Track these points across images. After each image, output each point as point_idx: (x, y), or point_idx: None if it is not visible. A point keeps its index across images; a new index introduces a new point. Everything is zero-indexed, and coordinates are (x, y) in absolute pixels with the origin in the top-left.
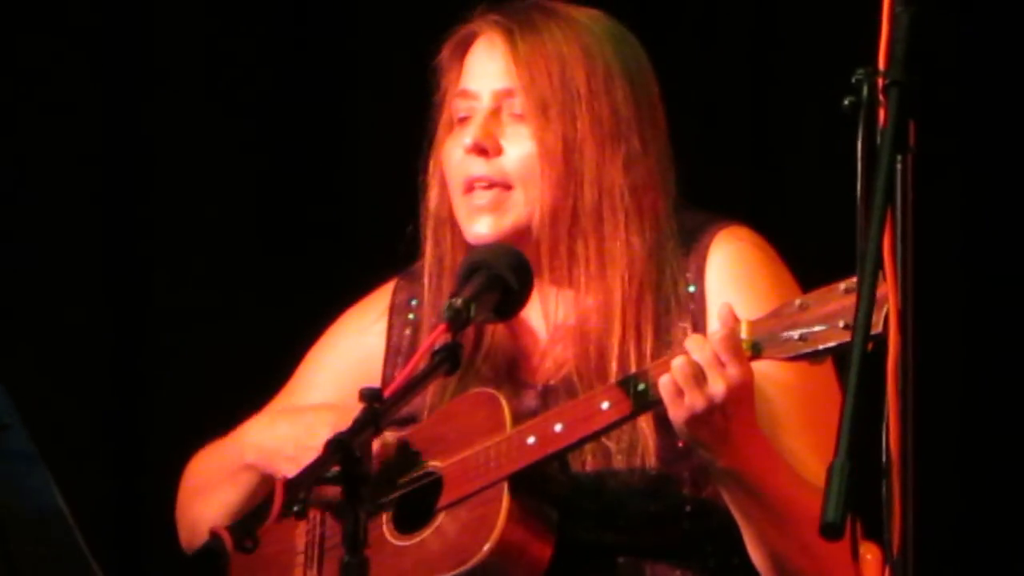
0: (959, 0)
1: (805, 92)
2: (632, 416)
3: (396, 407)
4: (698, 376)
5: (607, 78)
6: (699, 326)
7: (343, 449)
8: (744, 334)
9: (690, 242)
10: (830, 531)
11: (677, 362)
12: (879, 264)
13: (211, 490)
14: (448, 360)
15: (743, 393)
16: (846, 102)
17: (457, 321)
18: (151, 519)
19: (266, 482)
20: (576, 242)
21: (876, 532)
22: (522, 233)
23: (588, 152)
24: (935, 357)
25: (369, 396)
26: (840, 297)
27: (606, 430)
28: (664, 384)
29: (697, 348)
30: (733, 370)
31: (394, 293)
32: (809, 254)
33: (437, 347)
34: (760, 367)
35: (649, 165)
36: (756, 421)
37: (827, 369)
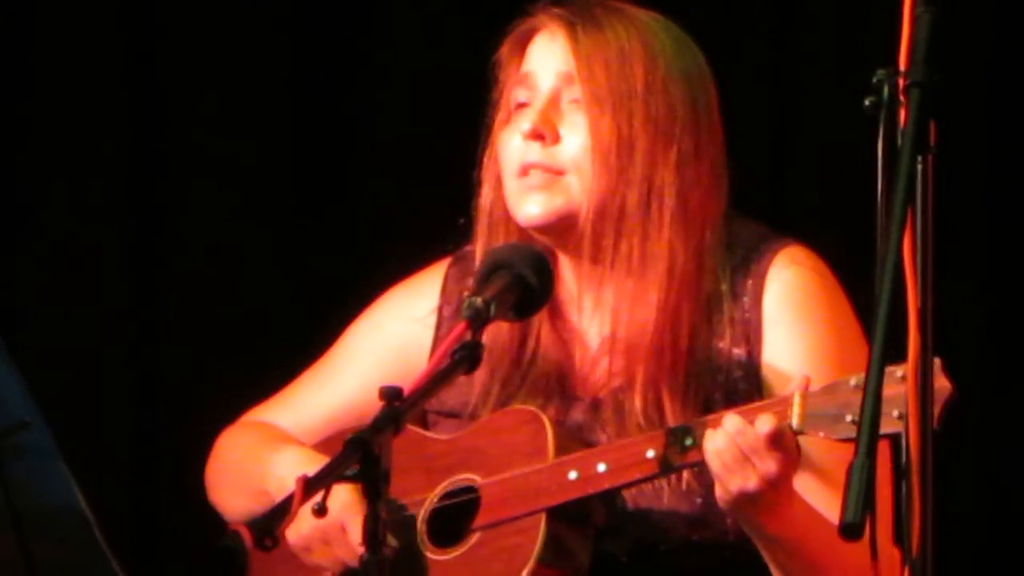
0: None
1: (826, 92)
2: (677, 470)
3: (416, 406)
4: (746, 457)
5: (666, 77)
6: (753, 355)
7: (363, 448)
8: (796, 408)
9: (747, 261)
10: (850, 531)
11: (721, 442)
12: (899, 265)
13: (236, 492)
14: (468, 359)
15: (792, 469)
16: (867, 103)
17: (477, 320)
18: (171, 517)
19: None
20: (620, 238)
21: (896, 532)
22: (570, 221)
23: (640, 149)
24: (954, 358)
25: (389, 394)
26: (895, 384)
27: (647, 479)
28: (712, 455)
29: (739, 433)
30: (781, 454)
31: (445, 278)
32: (830, 257)
33: (457, 346)
34: None
35: (700, 169)
36: (793, 486)
37: None
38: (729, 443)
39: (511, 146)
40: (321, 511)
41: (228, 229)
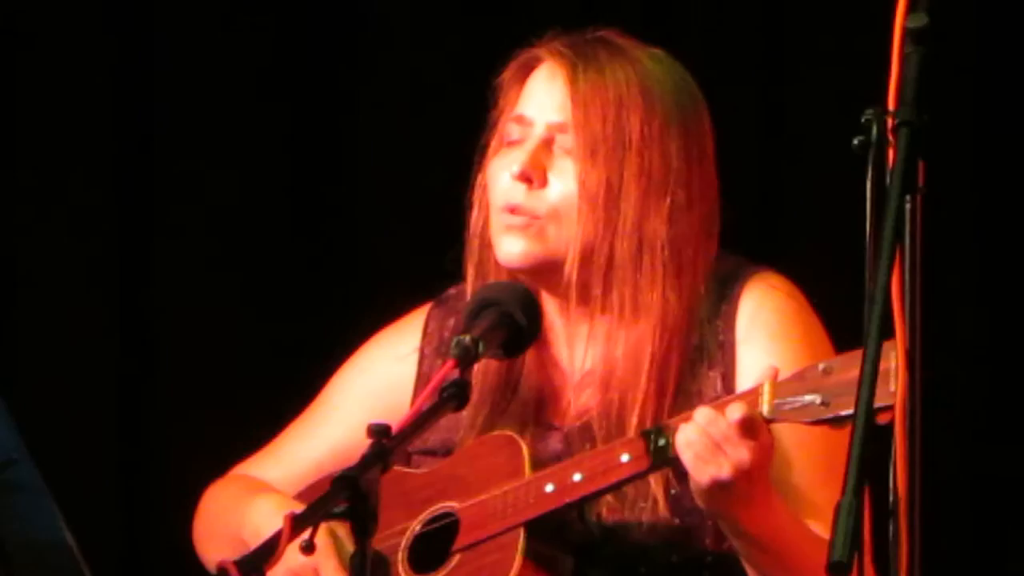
0: (970, 40)
1: (815, 131)
2: (651, 471)
3: (404, 443)
4: (717, 446)
5: (662, 128)
6: (728, 376)
7: (350, 485)
8: (766, 396)
9: (722, 290)
10: (838, 569)
11: (692, 433)
12: (887, 304)
13: (218, 542)
14: (456, 396)
15: (766, 458)
16: (855, 142)
17: (466, 358)
18: (158, 552)
19: None
20: (611, 288)
21: (884, 572)
22: (552, 267)
23: (631, 200)
24: (943, 395)
25: (377, 432)
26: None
27: (625, 483)
28: (684, 447)
29: (711, 423)
30: (754, 441)
31: (427, 320)
32: (818, 295)
33: (445, 383)
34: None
35: (693, 219)
36: (771, 481)
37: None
38: (700, 434)
39: (500, 183)
40: (309, 548)
41: (220, 268)
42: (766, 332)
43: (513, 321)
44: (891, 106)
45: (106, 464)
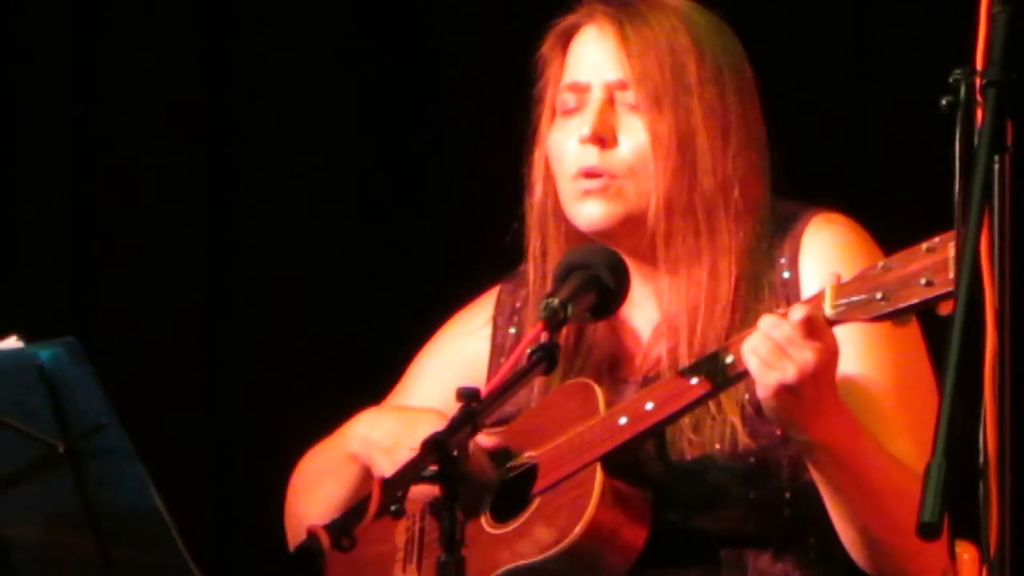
0: None
1: (903, 92)
2: (721, 388)
3: (493, 406)
4: (782, 350)
5: (715, 69)
6: None
7: (440, 448)
8: (828, 298)
9: (784, 228)
10: (928, 531)
11: (756, 339)
12: (977, 265)
13: (317, 486)
14: (545, 359)
15: (832, 361)
16: (944, 102)
17: (554, 320)
18: (247, 517)
19: (369, 476)
20: (691, 233)
21: (973, 531)
22: (635, 223)
23: (702, 143)
24: None
25: (466, 395)
26: (922, 256)
27: (697, 403)
28: (749, 353)
29: (773, 327)
30: (819, 342)
31: (499, 296)
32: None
33: (535, 346)
34: (855, 346)
35: (752, 156)
36: (838, 393)
37: (921, 356)
38: (764, 339)
39: (567, 149)
40: (399, 513)
41: (307, 254)
42: (832, 265)
43: (601, 283)
44: (979, 66)
45: (195, 430)
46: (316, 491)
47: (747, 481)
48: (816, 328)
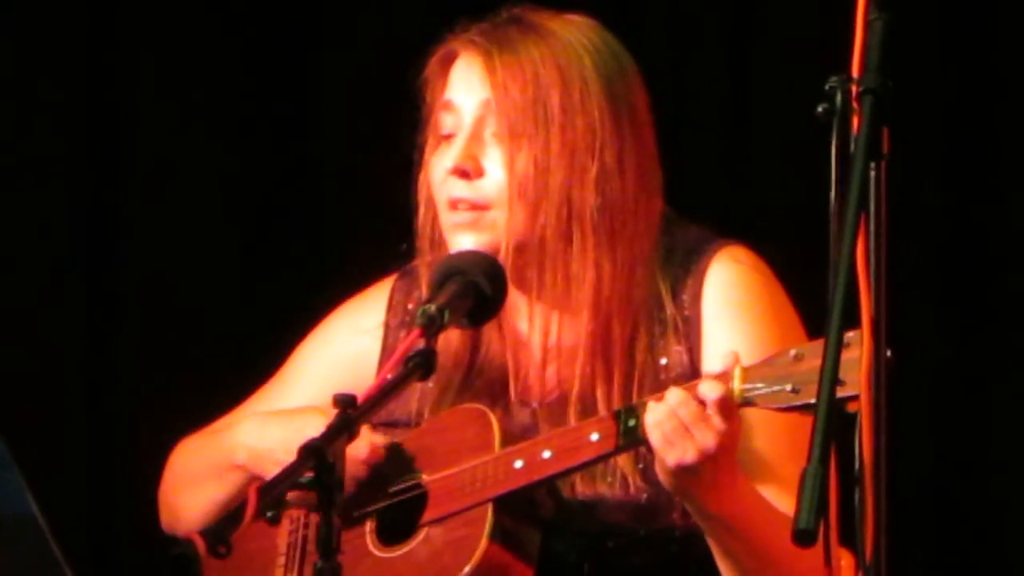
0: (933, 5)
1: (780, 99)
2: (620, 451)
3: (370, 413)
4: (686, 429)
5: (583, 96)
6: (694, 351)
7: (316, 455)
8: (737, 382)
9: (688, 263)
10: (803, 537)
11: (661, 414)
12: (852, 272)
13: (198, 483)
14: (422, 366)
15: (734, 444)
16: (820, 109)
17: (431, 327)
18: (124, 523)
19: (253, 482)
20: (544, 270)
21: (850, 539)
22: (512, 250)
23: (558, 175)
24: (908, 363)
25: (343, 402)
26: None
27: (594, 462)
28: (653, 427)
29: (681, 404)
30: (724, 426)
31: (392, 292)
32: (783, 262)
33: (411, 353)
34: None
35: (625, 183)
36: (737, 463)
37: None
38: (669, 414)
39: (438, 179)
40: (275, 519)
41: (186, 241)
42: (734, 309)
43: (479, 289)
44: (855, 73)
45: (72, 437)
46: (196, 490)
47: (638, 517)
48: (726, 410)
